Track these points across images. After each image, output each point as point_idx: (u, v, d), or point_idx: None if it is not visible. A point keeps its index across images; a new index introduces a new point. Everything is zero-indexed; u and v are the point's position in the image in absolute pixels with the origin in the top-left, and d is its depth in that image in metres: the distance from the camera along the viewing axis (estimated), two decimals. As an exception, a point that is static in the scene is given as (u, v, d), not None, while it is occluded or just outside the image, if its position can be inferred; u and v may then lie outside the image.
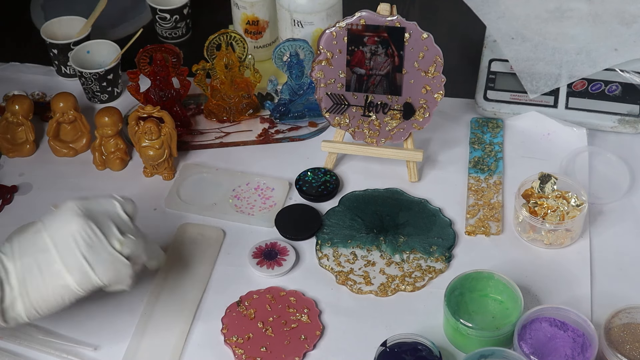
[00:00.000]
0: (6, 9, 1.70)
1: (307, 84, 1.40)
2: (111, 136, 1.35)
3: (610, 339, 1.07)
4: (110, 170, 1.37)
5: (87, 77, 1.44)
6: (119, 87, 1.49)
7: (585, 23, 1.42)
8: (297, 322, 1.14)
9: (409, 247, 1.23)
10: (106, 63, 1.46)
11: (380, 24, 1.23)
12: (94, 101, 1.49)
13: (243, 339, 1.12)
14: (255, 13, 1.50)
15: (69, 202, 1.06)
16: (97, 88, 1.46)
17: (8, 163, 1.39)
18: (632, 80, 1.37)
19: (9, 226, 1.27)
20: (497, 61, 1.42)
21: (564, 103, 1.39)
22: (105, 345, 1.13)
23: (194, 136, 1.42)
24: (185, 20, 1.60)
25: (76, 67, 1.45)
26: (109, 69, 1.44)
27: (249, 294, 1.18)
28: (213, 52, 1.38)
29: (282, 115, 1.43)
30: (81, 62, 1.46)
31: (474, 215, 1.27)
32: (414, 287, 1.19)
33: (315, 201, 1.31)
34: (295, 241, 1.25)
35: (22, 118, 1.38)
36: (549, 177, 1.23)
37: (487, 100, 1.42)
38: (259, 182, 1.33)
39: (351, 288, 1.19)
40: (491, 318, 1.12)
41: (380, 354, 1.06)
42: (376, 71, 1.26)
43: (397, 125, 1.30)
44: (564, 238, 1.22)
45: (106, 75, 1.44)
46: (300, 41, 1.37)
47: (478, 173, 1.33)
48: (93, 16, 1.51)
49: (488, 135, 1.39)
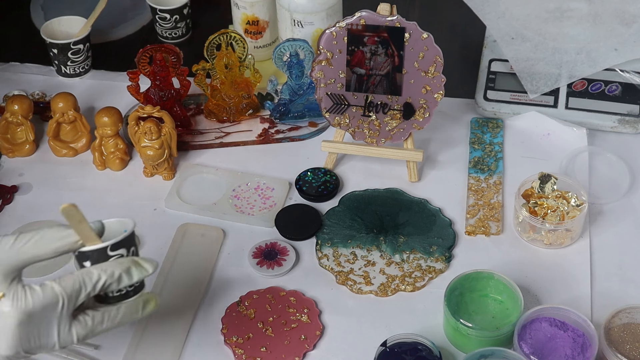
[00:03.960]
0: (6, 9, 1.70)
1: (307, 84, 1.40)
2: (111, 136, 1.35)
3: (610, 339, 1.07)
4: (110, 170, 1.37)
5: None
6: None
7: (585, 23, 1.42)
8: (297, 322, 1.14)
9: (409, 247, 1.23)
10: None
11: (380, 24, 1.23)
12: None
13: (243, 339, 1.12)
14: (255, 13, 1.50)
15: (10, 320, 0.88)
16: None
17: (8, 163, 1.39)
18: (632, 80, 1.37)
19: (9, 226, 1.28)
20: (497, 61, 1.42)
21: (564, 103, 1.39)
22: (106, 345, 1.13)
23: (194, 136, 1.42)
24: (185, 20, 1.60)
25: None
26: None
27: (249, 294, 1.18)
28: (213, 52, 1.39)
29: (282, 115, 1.43)
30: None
31: (474, 215, 1.27)
32: (414, 287, 1.19)
33: (315, 201, 1.31)
34: (295, 241, 1.25)
35: (22, 118, 1.38)
36: (549, 177, 1.23)
37: (487, 100, 1.42)
38: (259, 182, 1.33)
39: (351, 288, 1.19)
40: (491, 318, 1.12)
41: (380, 354, 1.06)
42: (376, 71, 1.26)
43: (397, 125, 1.30)
44: (564, 238, 1.22)
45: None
46: (300, 41, 1.37)
47: (478, 173, 1.34)
48: (93, 16, 1.51)
49: (488, 135, 1.39)
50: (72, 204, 0.91)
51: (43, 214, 1.30)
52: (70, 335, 0.91)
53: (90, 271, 0.91)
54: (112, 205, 1.31)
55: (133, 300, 0.96)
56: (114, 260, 0.93)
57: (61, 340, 0.91)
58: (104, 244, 0.92)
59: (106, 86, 1.52)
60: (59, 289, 0.89)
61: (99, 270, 0.92)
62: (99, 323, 0.93)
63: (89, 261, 0.93)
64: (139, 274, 0.94)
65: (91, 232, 0.92)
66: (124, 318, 0.95)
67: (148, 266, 0.95)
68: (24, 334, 0.88)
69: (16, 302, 0.88)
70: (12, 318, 0.87)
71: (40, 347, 0.90)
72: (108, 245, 0.92)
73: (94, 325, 0.93)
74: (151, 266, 0.95)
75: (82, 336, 0.92)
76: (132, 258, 0.95)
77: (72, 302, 0.90)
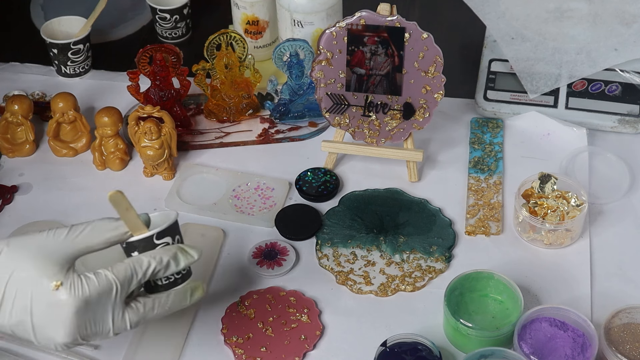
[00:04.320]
0: (6, 9, 1.70)
1: (307, 84, 1.40)
2: (111, 136, 1.35)
3: (610, 339, 1.07)
4: (110, 170, 1.37)
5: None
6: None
7: (585, 23, 1.42)
8: (297, 322, 1.14)
9: (409, 247, 1.23)
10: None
11: (380, 24, 1.23)
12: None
13: (243, 339, 1.12)
14: (255, 13, 1.50)
15: (68, 307, 0.91)
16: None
17: (8, 163, 1.39)
18: (632, 80, 1.37)
19: (9, 226, 1.28)
20: (497, 61, 1.42)
21: (564, 103, 1.39)
22: (106, 345, 1.13)
23: (194, 136, 1.42)
24: (185, 20, 1.60)
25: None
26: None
27: (249, 294, 1.18)
28: (213, 52, 1.39)
29: (282, 115, 1.43)
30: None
31: (474, 215, 1.27)
32: (414, 287, 1.19)
33: (315, 201, 1.31)
34: (295, 241, 1.25)
35: (22, 118, 1.38)
36: (549, 177, 1.23)
37: (487, 100, 1.42)
38: (259, 182, 1.34)
39: (351, 288, 1.19)
40: (491, 318, 1.12)
41: (380, 354, 1.06)
42: (376, 71, 1.26)
43: (397, 125, 1.30)
44: (564, 238, 1.22)
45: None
46: (300, 41, 1.37)
47: (478, 173, 1.34)
48: (93, 16, 1.51)
49: (488, 135, 1.39)
50: (118, 190, 0.96)
51: (43, 214, 1.30)
52: (124, 321, 0.95)
53: (140, 258, 0.95)
54: (112, 205, 1.30)
55: (181, 288, 1.00)
56: (161, 248, 0.97)
57: (115, 326, 0.94)
58: (150, 232, 0.97)
59: (106, 86, 1.52)
60: (112, 276, 0.93)
61: (148, 258, 0.96)
62: (150, 309, 0.97)
63: (137, 251, 0.97)
64: (186, 260, 0.98)
65: (138, 219, 0.96)
66: (174, 305, 0.99)
67: (194, 252, 0.99)
68: (81, 321, 0.91)
69: (73, 290, 0.91)
70: (70, 306, 0.91)
71: (95, 333, 0.93)
72: (154, 233, 0.97)
73: (145, 312, 0.96)
74: (196, 252, 0.99)
75: (135, 322, 0.96)
76: (177, 245, 0.99)
77: (125, 288, 0.94)
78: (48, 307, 0.91)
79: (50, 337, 0.92)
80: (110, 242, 0.96)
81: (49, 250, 0.93)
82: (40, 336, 0.92)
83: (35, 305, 0.91)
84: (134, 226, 0.97)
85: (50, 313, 0.91)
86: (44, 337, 0.92)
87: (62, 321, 0.91)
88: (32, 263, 0.91)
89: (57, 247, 0.93)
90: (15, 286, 0.91)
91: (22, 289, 0.91)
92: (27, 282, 0.91)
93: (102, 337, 0.95)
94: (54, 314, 0.91)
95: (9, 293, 0.91)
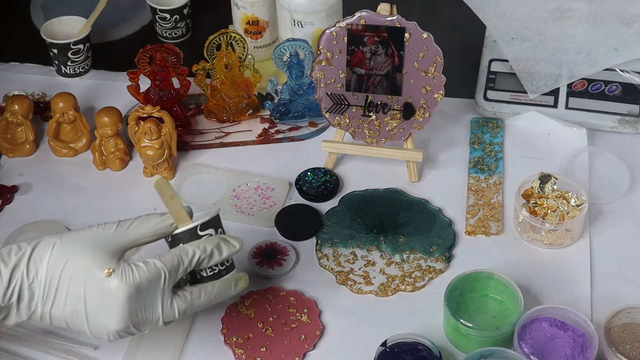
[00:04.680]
0: (6, 9, 1.70)
1: (307, 84, 1.40)
2: (111, 136, 1.35)
3: (610, 339, 1.07)
4: (110, 170, 1.37)
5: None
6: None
7: (585, 23, 1.42)
8: (297, 322, 1.14)
9: (409, 247, 1.23)
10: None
11: (380, 24, 1.23)
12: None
13: (243, 339, 1.12)
14: (255, 13, 1.50)
15: (121, 294, 0.94)
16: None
17: (8, 163, 1.39)
18: (632, 80, 1.37)
19: (9, 226, 1.28)
20: (497, 61, 1.42)
21: (564, 103, 1.39)
22: (105, 345, 1.12)
23: (194, 136, 1.42)
24: (185, 20, 1.60)
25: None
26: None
27: (249, 294, 1.18)
28: (213, 52, 1.39)
29: (282, 115, 1.43)
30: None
31: (474, 215, 1.27)
32: (414, 287, 1.19)
33: (315, 201, 1.31)
34: (295, 241, 1.25)
35: (22, 118, 1.38)
36: (549, 177, 1.23)
37: (487, 100, 1.42)
38: (259, 182, 1.34)
39: (351, 288, 1.19)
40: (491, 318, 1.12)
41: (380, 354, 1.06)
42: (376, 71, 1.26)
43: (397, 125, 1.30)
44: (564, 238, 1.22)
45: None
46: (300, 41, 1.37)
47: (478, 173, 1.34)
48: (93, 16, 1.51)
49: (488, 135, 1.39)
50: (163, 177, 1.02)
51: (43, 214, 1.30)
52: (173, 309, 0.98)
53: (185, 248, 1.00)
54: (112, 205, 1.31)
55: (226, 278, 1.04)
56: (204, 239, 1.01)
57: (165, 313, 0.98)
58: (194, 224, 1.01)
59: (106, 86, 1.52)
60: (160, 264, 0.97)
61: (193, 247, 1.00)
62: (197, 297, 1.00)
63: (182, 242, 1.01)
64: (228, 250, 1.02)
65: (182, 210, 1.01)
66: (219, 293, 1.02)
67: (235, 242, 1.03)
68: (132, 307, 0.95)
69: (125, 277, 0.94)
70: (122, 292, 0.94)
71: (146, 321, 0.97)
72: (198, 224, 1.01)
73: (192, 299, 1.00)
74: (238, 242, 1.03)
75: (183, 310, 0.99)
76: (220, 235, 1.03)
77: (173, 276, 0.98)
78: (101, 294, 0.94)
79: (103, 326, 0.95)
80: (157, 234, 1.00)
81: (99, 242, 0.97)
82: (94, 325, 0.95)
83: (89, 292, 0.94)
84: (179, 217, 1.01)
85: (103, 300, 0.94)
86: (97, 326, 0.95)
87: (114, 308, 0.94)
88: (84, 254, 0.95)
89: (107, 239, 0.97)
90: (69, 276, 0.94)
91: (76, 278, 0.94)
92: (80, 271, 0.94)
93: (151, 326, 0.98)
94: (106, 300, 0.94)
95: (63, 283, 0.94)
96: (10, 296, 0.94)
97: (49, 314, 0.96)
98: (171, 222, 1.01)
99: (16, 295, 0.94)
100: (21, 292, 0.95)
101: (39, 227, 1.27)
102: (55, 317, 0.96)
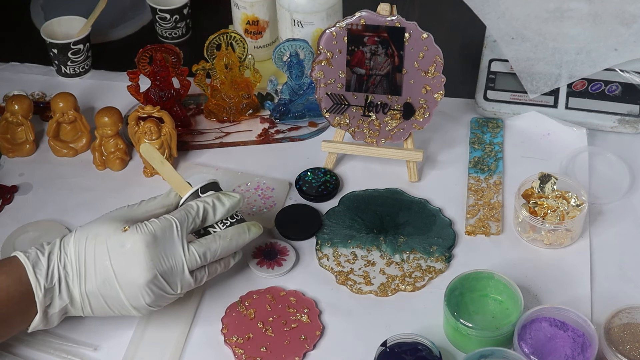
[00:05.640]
0: (6, 9, 1.70)
1: (307, 84, 1.40)
2: (111, 136, 1.35)
3: (610, 339, 1.07)
4: (110, 170, 1.37)
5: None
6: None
7: (585, 23, 1.42)
8: (297, 322, 1.14)
9: (409, 247, 1.23)
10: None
11: (380, 24, 1.23)
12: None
13: (243, 339, 1.12)
14: (255, 13, 1.50)
15: (139, 243, 1.04)
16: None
17: (8, 163, 1.39)
18: (632, 80, 1.37)
19: (9, 226, 1.28)
20: (497, 61, 1.42)
21: (564, 103, 1.39)
22: (105, 345, 1.13)
23: (194, 136, 1.42)
24: (185, 20, 1.60)
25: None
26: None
27: (249, 294, 1.18)
28: (213, 52, 1.39)
29: (282, 115, 1.43)
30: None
31: (474, 215, 1.28)
32: (414, 287, 1.19)
33: (315, 201, 1.31)
34: (295, 241, 1.25)
35: (22, 118, 1.38)
36: (549, 177, 1.23)
37: (487, 100, 1.42)
38: (259, 182, 1.34)
39: (351, 288, 1.19)
40: (491, 318, 1.12)
41: (380, 354, 1.06)
42: (376, 71, 1.26)
43: (397, 125, 1.30)
44: (564, 238, 1.22)
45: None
46: (300, 41, 1.37)
47: (478, 173, 1.34)
48: (93, 16, 1.51)
49: (488, 135, 1.39)
50: (148, 144, 1.16)
51: (43, 214, 1.30)
52: (192, 254, 1.07)
53: (189, 203, 1.10)
54: (112, 205, 1.30)
55: (239, 225, 1.12)
56: (205, 196, 1.12)
57: (187, 259, 1.06)
58: (195, 188, 1.12)
59: (106, 86, 1.52)
60: (170, 216, 1.07)
61: (196, 201, 1.10)
62: (213, 241, 1.09)
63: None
64: (229, 200, 1.11)
65: (176, 174, 1.13)
66: (234, 237, 1.11)
67: (235, 194, 1.12)
68: (153, 254, 1.04)
69: (139, 229, 1.04)
70: (140, 241, 1.03)
71: (171, 269, 1.05)
72: (198, 188, 1.12)
73: (208, 243, 1.08)
74: (237, 194, 1.13)
75: (202, 253, 1.07)
76: (218, 192, 1.13)
77: (184, 226, 1.07)
78: (122, 250, 1.03)
79: (133, 281, 1.03)
80: (164, 205, 1.11)
81: (114, 216, 1.08)
82: (125, 286, 1.03)
83: (112, 254, 1.04)
84: (176, 183, 1.12)
85: (125, 254, 1.03)
86: (128, 284, 1.03)
87: (137, 258, 1.03)
88: (101, 226, 1.06)
89: (120, 214, 1.09)
90: (92, 248, 1.04)
91: (99, 248, 1.04)
92: (101, 240, 1.04)
93: (180, 278, 1.06)
94: (128, 253, 1.03)
95: (89, 256, 1.04)
96: (51, 278, 1.04)
97: (86, 293, 1.04)
98: (175, 193, 1.11)
99: (56, 277, 1.04)
100: (59, 275, 1.04)
101: (39, 227, 1.27)
102: (91, 293, 1.04)
